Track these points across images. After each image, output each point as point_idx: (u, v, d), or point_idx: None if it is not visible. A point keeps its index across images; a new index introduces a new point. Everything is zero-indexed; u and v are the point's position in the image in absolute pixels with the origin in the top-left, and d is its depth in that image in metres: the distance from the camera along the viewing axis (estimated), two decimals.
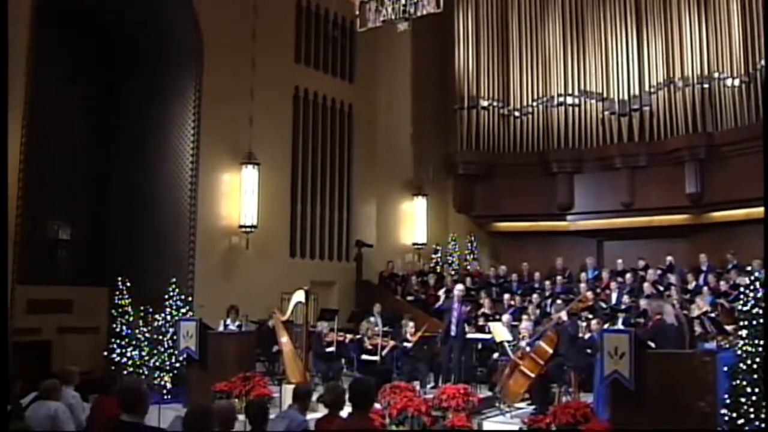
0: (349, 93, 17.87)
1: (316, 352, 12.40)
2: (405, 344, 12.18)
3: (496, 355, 11.97)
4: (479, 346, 12.71)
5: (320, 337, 12.50)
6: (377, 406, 9.43)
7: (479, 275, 17.44)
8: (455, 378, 11.26)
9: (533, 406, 10.13)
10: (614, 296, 14.09)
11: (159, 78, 14.82)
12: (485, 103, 18.51)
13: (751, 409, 7.37)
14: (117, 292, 13.13)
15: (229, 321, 12.58)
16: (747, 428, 7.41)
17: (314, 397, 7.24)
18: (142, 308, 12.91)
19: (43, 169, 13.38)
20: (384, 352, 12.07)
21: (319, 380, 12.04)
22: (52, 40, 13.31)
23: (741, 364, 7.55)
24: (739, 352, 7.68)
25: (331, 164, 17.41)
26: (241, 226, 14.84)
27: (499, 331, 11.44)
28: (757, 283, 7.86)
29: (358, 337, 12.64)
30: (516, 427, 9.23)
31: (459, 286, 12.40)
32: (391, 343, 12.29)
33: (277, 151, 15.79)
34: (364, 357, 12.11)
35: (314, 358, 12.40)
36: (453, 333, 11.51)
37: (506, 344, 11.15)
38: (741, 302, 7.89)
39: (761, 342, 7.54)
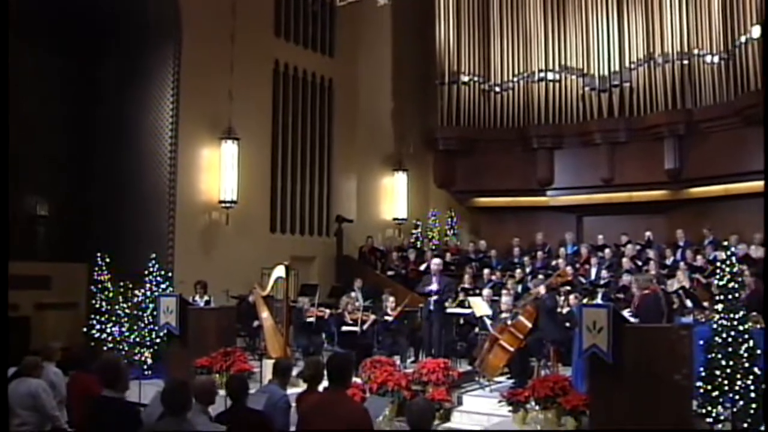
0: (329, 68, 17.76)
1: (297, 327, 12.43)
2: (385, 319, 12.22)
3: (477, 330, 12.04)
4: (460, 321, 12.78)
5: (301, 313, 12.52)
6: (357, 380, 9.49)
7: (458, 251, 17.51)
8: (435, 352, 11.35)
9: (512, 380, 10.22)
10: (593, 271, 14.21)
11: (138, 53, 14.65)
12: (466, 79, 18.47)
13: (725, 382, 7.49)
14: (96, 268, 13.06)
15: (197, 297, 12.58)
16: (721, 400, 7.53)
17: (294, 372, 7.29)
18: (121, 284, 12.85)
19: (21, 145, 13.20)
20: (364, 327, 12.11)
21: (300, 355, 12.09)
22: (29, 16, 13.10)
23: (716, 338, 7.66)
24: (714, 326, 7.79)
25: (311, 139, 17.34)
26: (220, 202, 14.79)
27: (479, 306, 11.51)
28: (733, 258, 7.95)
29: (338, 312, 12.68)
30: (496, 400, 9.32)
31: (435, 260, 12.40)
32: (372, 317, 12.33)
33: (256, 126, 15.69)
34: (345, 331, 12.14)
35: (295, 333, 12.43)
36: (431, 307, 11.55)
37: (486, 319, 11.22)
38: (717, 277, 7.98)
39: (736, 316, 7.64)
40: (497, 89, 18.53)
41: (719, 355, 7.58)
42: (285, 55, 16.70)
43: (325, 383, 5.36)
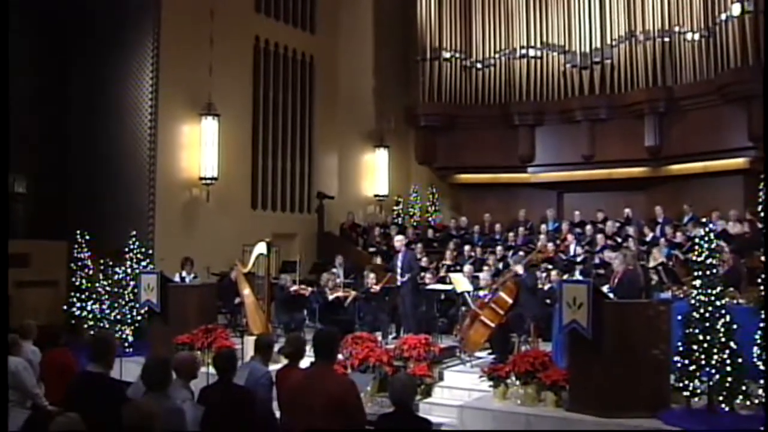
0: (310, 44, 17.63)
1: (278, 304, 12.44)
2: (366, 295, 12.24)
3: (462, 308, 12.08)
4: (441, 297, 12.83)
5: (282, 289, 12.52)
6: (339, 356, 9.51)
7: (442, 227, 17.55)
8: (405, 328, 11.40)
9: (493, 356, 10.29)
10: (572, 248, 14.29)
11: (116, 29, 14.46)
12: (447, 55, 18.43)
13: (702, 356, 7.59)
14: (76, 246, 12.98)
15: (184, 273, 12.54)
16: (698, 374, 7.64)
17: (276, 349, 7.29)
18: (101, 261, 12.79)
19: None
20: (346, 303, 12.13)
21: (282, 331, 12.10)
22: None
23: (694, 313, 7.74)
24: (692, 301, 7.87)
25: (292, 116, 17.25)
26: (201, 179, 14.71)
27: (460, 282, 11.54)
28: (712, 235, 8.01)
29: (319, 288, 12.69)
30: (476, 376, 9.38)
31: (398, 237, 12.43)
32: (353, 293, 12.36)
33: (237, 102, 15.59)
34: (326, 308, 12.16)
35: (276, 309, 12.44)
36: (399, 282, 11.57)
37: (467, 295, 11.26)
38: (696, 253, 8.05)
39: (714, 292, 7.73)
40: (479, 66, 18.50)
41: (696, 330, 7.68)
42: (265, 31, 16.55)
43: (306, 359, 5.37)
